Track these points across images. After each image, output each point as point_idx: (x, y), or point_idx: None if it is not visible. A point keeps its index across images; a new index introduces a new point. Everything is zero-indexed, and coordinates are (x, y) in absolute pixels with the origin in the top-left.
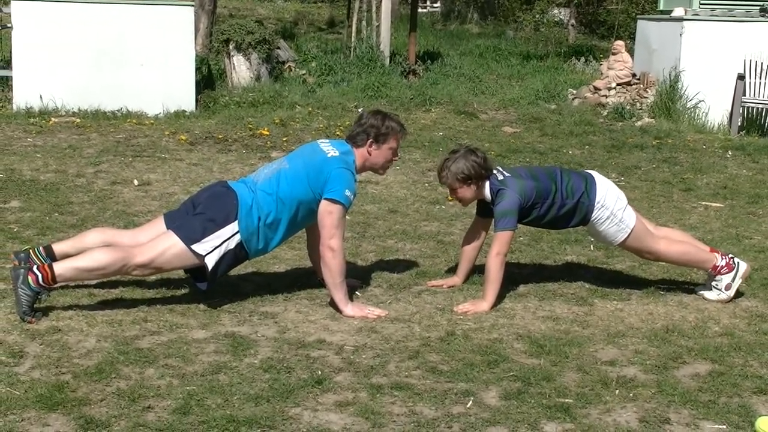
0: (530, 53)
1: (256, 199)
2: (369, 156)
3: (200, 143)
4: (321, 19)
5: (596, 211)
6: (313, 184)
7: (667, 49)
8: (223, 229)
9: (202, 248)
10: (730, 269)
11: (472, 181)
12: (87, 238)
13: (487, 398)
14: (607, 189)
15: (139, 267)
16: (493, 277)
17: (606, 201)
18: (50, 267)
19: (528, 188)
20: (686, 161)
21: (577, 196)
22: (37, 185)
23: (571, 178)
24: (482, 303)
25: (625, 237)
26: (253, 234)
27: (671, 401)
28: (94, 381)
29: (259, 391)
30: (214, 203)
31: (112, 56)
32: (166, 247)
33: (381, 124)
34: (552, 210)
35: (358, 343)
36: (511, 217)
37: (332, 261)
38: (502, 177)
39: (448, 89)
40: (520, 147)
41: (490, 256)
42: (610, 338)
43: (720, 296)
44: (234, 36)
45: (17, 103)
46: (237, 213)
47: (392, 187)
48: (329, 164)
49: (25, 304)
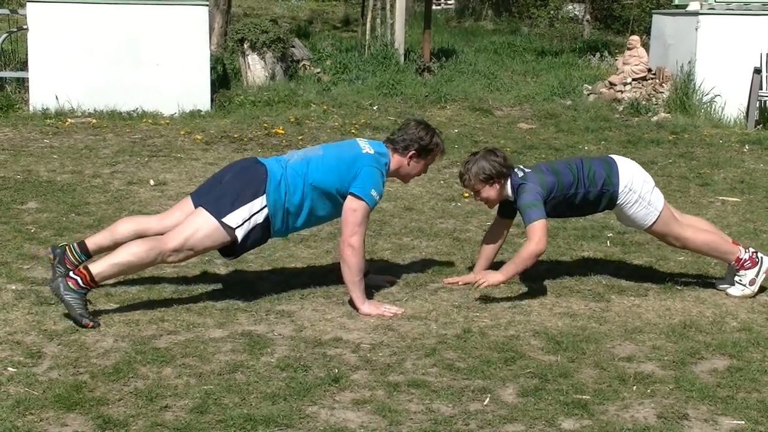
0: (545, 49)
1: (285, 175)
2: (406, 165)
3: (216, 143)
4: (336, 18)
5: (623, 195)
6: (343, 176)
7: (683, 43)
8: (252, 202)
9: (232, 221)
10: (753, 264)
11: (494, 180)
12: (119, 228)
13: (504, 395)
14: (633, 173)
15: (173, 251)
16: (522, 261)
17: (633, 184)
18: (86, 269)
19: (549, 182)
20: (703, 156)
21: (600, 183)
22: (53, 186)
23: (593, 166)
24: (497, 274)
25: (654, 219)
26: (278, 210)
27: (689, 397)
28: (111, 381)
29: (276, 390)
30: (243, 176)
31: (128, 57)
32: (197, 226)
33: (429, 140)
34: (577, 199)
35: (374, 341)
36: (536, 208)
37: (351, 259)
38: (522, 173)
39: (462, 86)
40: (536, 143)
41: (529, 245)
42: (627, 334)
43: (744, 291)
44: (249, 35)
45: (33, 104)
46: (266, 187)
47: (408, 184)
48: (362, 159)
49: (78, 307)
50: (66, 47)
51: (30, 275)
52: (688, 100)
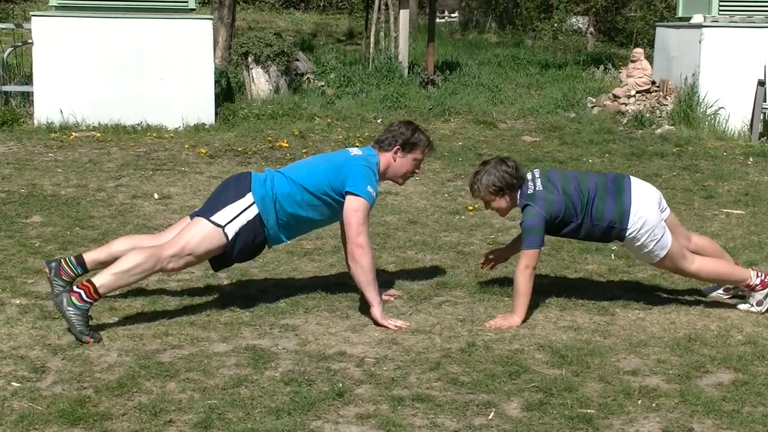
0: (549, 62)
1: (270, 175)
2: (393, 162)
3: (220, 156)
4: (339, 31)
5: (628, 239)
6: (331, 177)
7: (687, 56)
8: (239, 201)
9: (221, 218)
10: (764, 286)
11: (504, 192)
12: (115, 245)
13: (508, 409)
14: (643, 220)
15: (173, 257)
16: (522, 290)
17: (639, 233)
18: (90, 282)
19: (556, 204)
20: (707, 168)
21: (607, 220)
22: (58, 200)
23: (603, 202)
24: (513, 317)
25: (660, 257)
26: (269, 206)
27: (694, 411)
28: (115, 395)
29: (280, 404)
30: (229, 184)
31: (132, 70)
32: (193, 232)
33: (411, 134)
34: (583, 229)
35: (378, 355)
36: (535, 236)
37: (363, 258)
38: (532, 190)
39: (466, 99)
40: (540, 156)
41: (518, 270)
42: (632, 348)
43: (751, 309)
44: (253, 48)
45: (38, 118)
46: (251, 185)
47: (412, 197)
48: (351, 161)
49: (78, 324)
50: (70, 61)
51: (34, 289)
52: (692, 113)
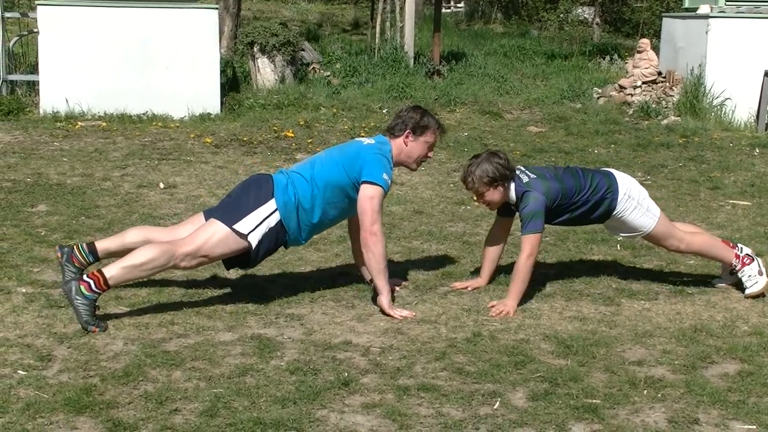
0: (555, 52)
1: (291, 179)
2: (405, 147)
3: (225, 146)
4: (345, 21)
5: (622, 203)
6: (348, 168)
7: (693, 46)
8: (261, 207)
9: (244, 227)
10: (751, 260)
11: (498, 183)
12: (128, 235)
13: (514, 399)
14: (630, 181)
15: (186, 256)
16: (522, 278)
17: (632, 192)
18: (100, 272)
19: (553, 189)
20: (713, 159)
21: (602, 191)
22: (63, 189)
23: (594, 176)
24: (508, 301)
25: (654, 224)
26: (291, 212)
27: (700, 401)
28: (121, 384)
29: (285, 393)
30: (249, 187)
31: (138, 60)
32: (210, 233)
33: (420, 117)
34: (578, 207)
35: (384, 344)
36: (537, 219)
37: (376, 246)
38: (527, 179)
39: (472, 89)
40: (546, 147)
41: (521, 258)
42: (637, 338)
43: (759, 283)
44: (258, 38)
45: (44, 107)
46: (273, 191)
47: (417, 188)
48: (365, 150)
49: (84, 314)
50: (76, 50)
51: (40, 278)
52: (699, 104)
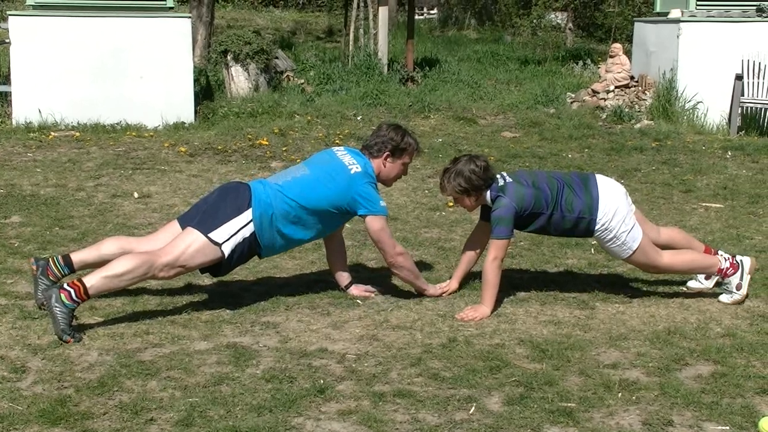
0: (528, 58)
1: (271, 194)
2: (383, 168)
3: (200, 154)
4: (319, 28)
5: (599, 232)
6: (332, 196)
7: (665, 50)
8: (237, 218)
9: (218, 236)
10: (735, 269)
11: (471, 192)
12: (103, 247)
13: (489, 404)
14: (614, 211)
15: (165, 266)
16: (491, 281)
17: (610, 224)
18: (80, 281)
19: (527, 196)
20: (686, 162)
21: (576, 212)
22: (37, 200)
23: (573, 194)
24: (481, 307)
25: (627, 257)
26: (266, 227)
27: (674, 403)
28: (96, 395)
29: (261, 402)
30: (227, 195)
31: (111, 69)
32: (188, 243)
33: (401, 140)
34: (553, 220)
35: (360, 351)
36: (504, 226)
37: (406, 262)
38: (503, 182)
39: (446, 95)
40: (520, 152)
41: (487, 261)
42: (612, 341)
43: (734, 297)
44: (232, 47)
45: (16, 118)
46: (250, 201)
47: (392, 194)
48: (356, 182)
49: (62, 322)
50: (48, 60)
51: (14, 290)
52: (671, 107)
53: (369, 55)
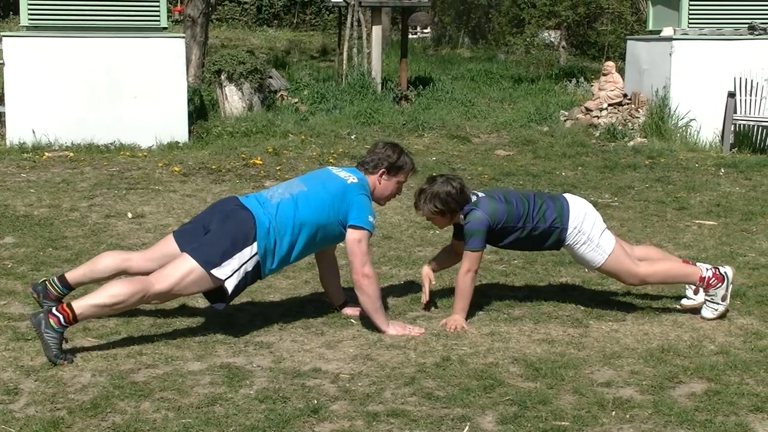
0: (521, 76)
1: (273, 222)
2: (378, 185)
3: (194, 174)
4: (313, 48)
5: (571, 236)
6: (336, 208)
7: (658, 68)
8: (241, 252)
9: (222, 273)
10: (720, 281)
11: (446, 214)
12: (99, 264)
13: (483, 423)
14: (584, 214)
15: (159, 295)
16: (465, 291)
17: (582, 226)
18: (69, 307)
19: (499, 210)
20: (679, 180)
21: (549, 221)
22: (30, 220)
23: (545, 203)
24: (454, 316)
25: (603, 261)
26: (268, 254)
27: (668, 421)
28: (89, 416)
29: (255, 422)
30: (230, 224)
31: (105, 89)
32: (184, 273)
33: (397, 158)
34: (525, 233)
35: (353, 371)
36: (477, 238)
37: (369, 287)
38: (476, 198)
39: (440, 114)
40: (513, 170)
41: (461, 273)
42: (605, 359)
43: (719, 309)
44: (225, 66)
45: (10, 138)
46: (255, 235)
47: (386, 213)
48: (350, 191)
49: (54, 347)
50: (42, 81)
51: (7, 311)
52: (664, 125)
53: (363, 74)
